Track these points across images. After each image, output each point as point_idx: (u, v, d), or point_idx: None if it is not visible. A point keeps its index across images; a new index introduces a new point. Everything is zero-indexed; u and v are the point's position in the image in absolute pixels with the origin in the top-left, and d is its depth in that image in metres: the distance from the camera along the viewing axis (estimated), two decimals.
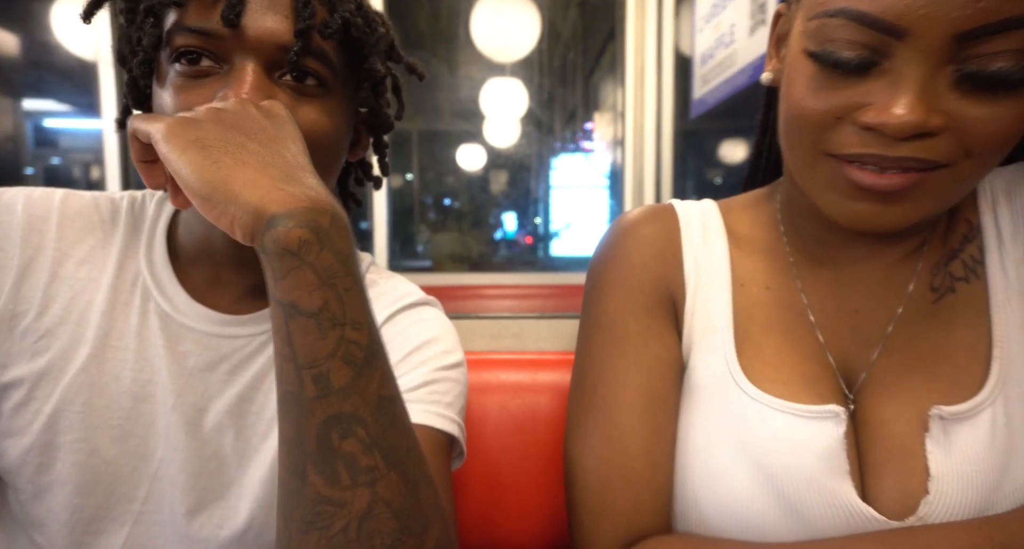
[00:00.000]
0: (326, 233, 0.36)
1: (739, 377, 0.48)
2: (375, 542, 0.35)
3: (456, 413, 0.54)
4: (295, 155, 0.40)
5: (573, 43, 3.80)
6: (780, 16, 0.49)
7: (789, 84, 0.44)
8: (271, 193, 0.36)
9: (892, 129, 0.38)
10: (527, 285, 2.19)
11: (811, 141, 0.43)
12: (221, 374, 0.53)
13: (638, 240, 0.54)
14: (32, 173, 3.11)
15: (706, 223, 0.55)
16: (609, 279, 0.54)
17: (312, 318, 0.35)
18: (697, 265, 0.53)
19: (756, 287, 0.52)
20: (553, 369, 0.81)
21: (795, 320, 0.50)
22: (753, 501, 0.45)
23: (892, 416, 0.46)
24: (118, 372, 0.51)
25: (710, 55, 1.80)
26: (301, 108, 0.48)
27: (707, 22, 1.81)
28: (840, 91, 0.41)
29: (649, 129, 2.12)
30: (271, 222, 0.35)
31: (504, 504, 0.76)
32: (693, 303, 0.52)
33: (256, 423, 0.53)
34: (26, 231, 0.51)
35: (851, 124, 0.41)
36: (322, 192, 0.38)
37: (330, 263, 0.35)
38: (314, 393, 0.35)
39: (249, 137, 0.39)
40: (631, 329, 0.52)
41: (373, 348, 0.37)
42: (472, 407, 0.78)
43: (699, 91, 1.92)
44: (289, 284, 0.35)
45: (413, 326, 0.57)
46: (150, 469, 0.51)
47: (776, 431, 0.46)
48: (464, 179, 4.08)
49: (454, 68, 3.67)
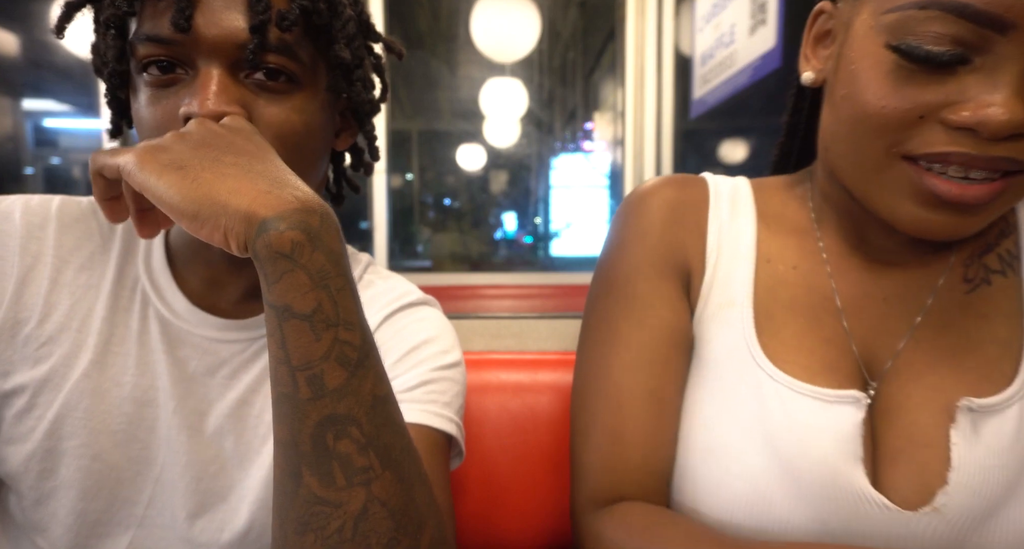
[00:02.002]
0: (317, 233, 0.36)
1: (758, 355, 0.48)
2: (371, 542, 0.35)
3: (454, 412, 0.53)
4: (272, 161, 0.40)
5: (573, 43, 3.80)
6: (821, 13, 0.47)
7: (855, 83, 0.41)
8: (258, 198, 0.36)
9: (991, 128, 0.36)
10: (527, 285, 2.19)
11: (887, 142, 0.41)
12: (221, 378, 0.53)
13: (660, 203, 0.54)
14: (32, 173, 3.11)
15: (736, 198, 0.54)
16: (625, 238, 0.54)
17: (306, 320, 0.35)
18: (721, 238, 0.52)
19: (783, 265, 0.51)
20: (553, 369, 0.81)
21: (820, 303, 0.49)
22: (758, 481, 0.45)
23: (916, 405, 0.45)
24: (119, 377, 0.51)
25: (710, 55, 1.80)
26: (271, 107, 0.47)
27: (707, 22, 1.80)
28: (925, 88, 0.38)
29: (649, 129, 2.12)
30: (263, 226, 0.35)
31: (504, 504, 0.76)
32: (713, 276, 0.51)
33: (256, 426, 0.53)
34: (25, 239, 0.51)
35: (938, 123, 0.38)
36: (308, 193, 0.38)
37: (322, 264, 0.35)
38: (308, 395, 0.35)
39: (222, 151, 0.39)
40: (640, 289, 0.52)
41: (366, 348, 0.37)
42: (472, 407, 0.78)
43: (699, 91, 1.92)
44: (283, 287, 0.35)
45: (410, 326, 0.57)
46: (153, 473, 0.51)
47: (793, 412, 0.45)
48: (464, 179, 4.08)
49: (454, 68, 3.67)
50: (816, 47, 0.48)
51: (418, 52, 3.72)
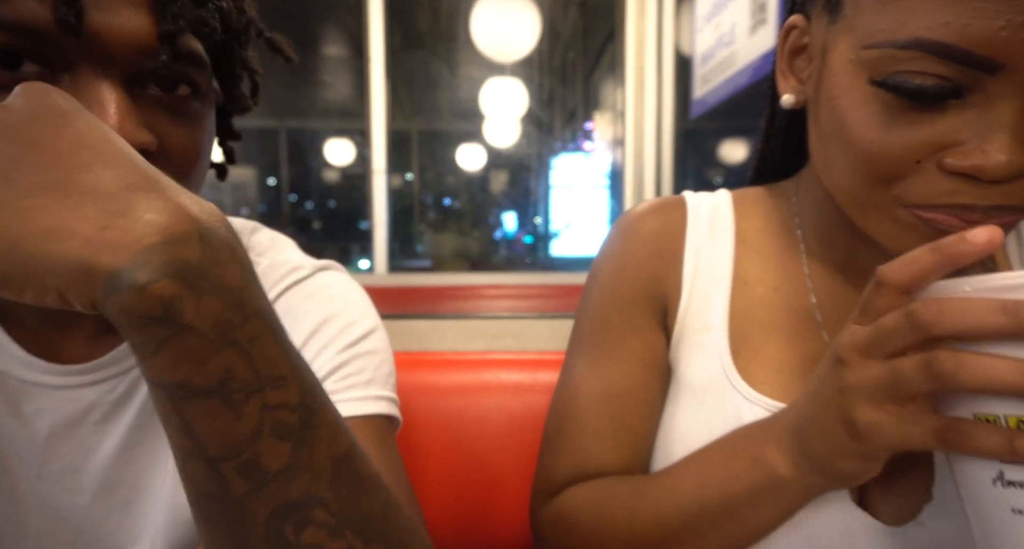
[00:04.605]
0: (201, 270, 0.24)
1: (734, 378, 0.48)
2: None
3: (380, 388, 0.47)
4: (106, 160, 0.26)
5: (573, 43, 3.80)
6: (794, 28, 0.44)
7: (841, 121, 0.39)
8: (94, 237, 0.23)
9: (991, 173, 0.34)
10: (527, 285, 2.19)
11: (884, 190, 0.38)
12: (90, 426, 0.44)
13: (637, 237, 0.54)
14: None
15: (716, 219, 0.54)
16: (603, 272, 0.55)
17: (214, 396, 0.25)
18: (698, 264, 0.52)
19: (762, 287, 0.51)
20: (553, 369, 0.81)
21: (802, 323, 0.49)
22: None
23: None
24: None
25: (710, 55, 1.80)
26: (177, 130, 0.38)
27: (707, 22, 1.81)
28: (917, 126, 0.36)
29: (649, 129, 2.12)
30: (112, 283, 0.23)
31: (504, 504, 0.76)
32: (688, 301, 0.52)
33: (151, 463, 0.46)
34: None
35: (936, 168, 0.36)
36: (174, 202, 0.25)
37: (219, 312, 0.25)
38: (245, 488, 0.26)
39: (13, 165, 0.24)
40: (612, 323, 0.53)
41: (308, 399, 0.28)
42: (472, 407, 0.78)
43: (699, 91, 1.92)
44: (166, 361, 0.24)
45: (301, 304, 0.48)
46: (29, 547, 0.44)
47: None
48: (464, 179, 4.08)
49: (454, 68, 3.67)
50: (792, 61, 0.46)
51: (418, 52, 3.72)
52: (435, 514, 0.74)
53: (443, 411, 0.76)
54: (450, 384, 0.78)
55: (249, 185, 4.91)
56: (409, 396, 0.75)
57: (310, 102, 4.49)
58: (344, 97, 4.41)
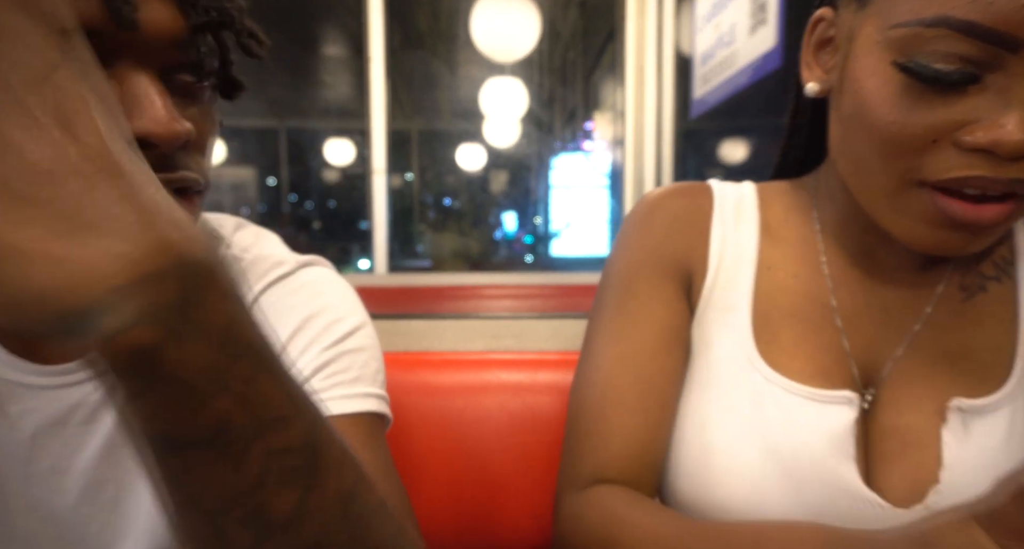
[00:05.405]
0: (180, 312, 0.20)
1: (755, 359, 0.49)
2: None
3: (367, 385, 0.46)
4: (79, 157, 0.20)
5: (573, 43, 3.80)
6: (821, 20, 0.46)
7: (862, 102, 0.40)
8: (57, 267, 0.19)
9: (1007, 148, 0.35)
10: (527, 285, 2.19)
11: (901, 169, 0.40)
12: (75, 426, 0.44)
13: (665, 212, 0.55)
14: None
15: (741, 206, 0.55)
16: (629, 243, 0.55)
17: (207, 448, 0.22)
18: (724, 245, 0.53)
19: (783, 273, 0.52)
20: (553, 369, 0.81)
21: (818, 312, 0.50)
22: (755, 479, 0.46)
23: (910, 408, 0.46)
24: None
25: (710, 55, 1.80)
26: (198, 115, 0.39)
27: (707, 21, 1.81)
28: (936, 108, 0.37)
29: (649, 129, 2.12)
30: (79, 323, 0.19)
31: (504, 504, 0.76)
32: (714, 281, 0.52)
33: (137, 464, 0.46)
34: None
35: (951, 145, 0.37)
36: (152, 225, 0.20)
37: (205, 357, 0.21)
38: (251, 540, 0.24)
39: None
40: (638, 288, 0.53)
41: (312, 437, 0.25)
42: (472, 407, 0.78)
43: (699, 91, 1.92)
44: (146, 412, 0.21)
45: (286, 300, 0.47)
46: None
47: (788, 412, 0.46)
48: (464, 179, 4.08)
49: (454, 68, 3.68)
50: (818, 54, 0.47)
51: (418, 52, 3.72)
52: (435, 514, 0.74)
53: (443, 411, 0.76)
54: (450, 384, 0.78)
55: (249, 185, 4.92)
56: (409, 396, 0.75)
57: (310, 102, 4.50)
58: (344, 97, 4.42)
